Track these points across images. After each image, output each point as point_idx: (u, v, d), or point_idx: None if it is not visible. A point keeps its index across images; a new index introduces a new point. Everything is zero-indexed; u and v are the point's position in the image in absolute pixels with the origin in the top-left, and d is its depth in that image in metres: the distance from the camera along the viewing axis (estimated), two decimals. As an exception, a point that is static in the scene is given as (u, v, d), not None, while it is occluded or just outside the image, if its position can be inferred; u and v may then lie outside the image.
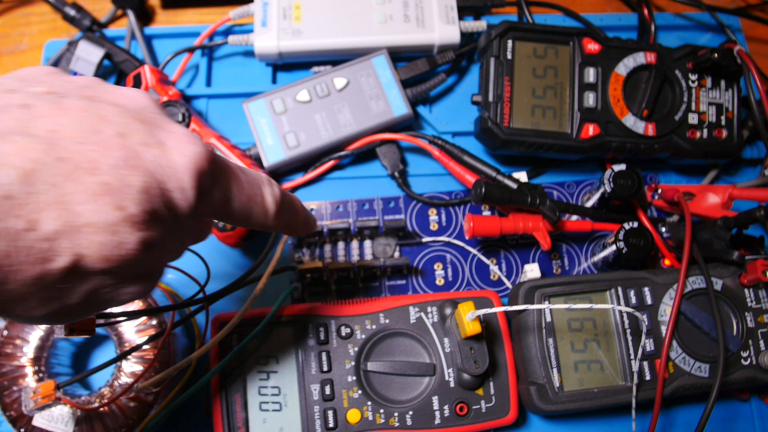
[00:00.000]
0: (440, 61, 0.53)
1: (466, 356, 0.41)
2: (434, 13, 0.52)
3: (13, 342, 0.42)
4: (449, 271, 0.50)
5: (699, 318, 0.44)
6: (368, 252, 0.50)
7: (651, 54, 0.50)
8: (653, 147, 0.49)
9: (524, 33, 0.50)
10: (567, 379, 0.43)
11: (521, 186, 0.47)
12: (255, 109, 0.50)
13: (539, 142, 0.48)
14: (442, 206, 0.51)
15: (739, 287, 0.45)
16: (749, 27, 0.61)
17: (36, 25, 0.60)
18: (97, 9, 0.59)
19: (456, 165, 0.50)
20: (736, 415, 0.48)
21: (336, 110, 0.50)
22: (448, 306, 0.42)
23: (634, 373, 0.42)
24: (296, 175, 0.52)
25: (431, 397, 0.42)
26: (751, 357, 0.44)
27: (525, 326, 0.43)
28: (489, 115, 0.48)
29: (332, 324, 0.43)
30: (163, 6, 0.60)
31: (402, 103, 0.51)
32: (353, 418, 0.41)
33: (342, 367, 0.42)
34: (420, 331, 0.43)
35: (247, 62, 0.56)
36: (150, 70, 0.49)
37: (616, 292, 0.44)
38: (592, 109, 0.49)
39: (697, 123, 0.50)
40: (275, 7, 0.52)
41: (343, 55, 0.53)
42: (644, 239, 0.45)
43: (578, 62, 0.50)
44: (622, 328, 0.44)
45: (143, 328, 0.43)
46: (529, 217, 0.47)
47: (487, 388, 0.43)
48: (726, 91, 0.51)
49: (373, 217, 0.47)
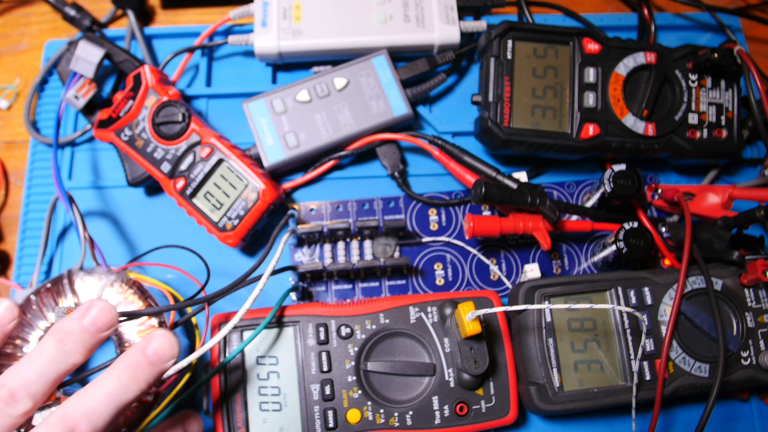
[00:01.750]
0: (440, 61, 0.53)
1: (466, 356, 0.41)
2: (434, 13, 0.52)
3: (13, 342, 0.42)
4: (449, 271, 0.50)
5: (699, 318, 0.44)
6: (368, 252, 0.50)
7: (651, 54, 0.50)
8: (653, 147, 0.49)
9: (524, 33, 0.50)
10: (567, 379, 0.43)
11: (521, 186, 0.47)
12: (255, 109, 0.50)
13: (539, 142, 0.48)
14: (442, 206, 0.51)
15: (739, 287, 0.45)
16: (749, 27, 0.61)
17: (36, 25, 0.60)
18: (97, 9, 0.59)
19: (456, 165, 0.50)
20: (736, 415, 0.48)
21: (336, 110, 0.50)
22: (448, 306, 0.42)
23: (634, 373, 0.42)
24: (296, 175, 0.52)
25: (431, 397, 0.42)
26: (751, 357, 0.44)
27: (525, 326, 0.43)
28: (489, 115, 0.48)
29: (332, 324, 0.43)
30: (163, 6, 0.60)
31: (402, 103, 0.51)
32: (353, 418, 0.41)
33: (342, 367, 0.42)
34: (420, 331, 0.43)
35: (247, 62, 0.56)
36: (150, 70, 0.49)
37: (616, 292, 0.44)
38: (592, 109, 0.49)
39: (697, 123, 0.50)
40: (275, 7, 0.52)
41: (343, 55, 0.53)
42: (644, 239, 0.45)
43: (578, 62, 0.50)
44: (622, 328, 0.44)
45: (143, 328, 0.43)
46: (529, 217, 0.47)
47: (487, 388, 0.43)
48: (726, 91, 0.51)
49: (373, 217, 0.47)
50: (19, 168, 0.55)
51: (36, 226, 0.51)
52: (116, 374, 0.31)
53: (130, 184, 0.50)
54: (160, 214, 0.52)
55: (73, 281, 0.43)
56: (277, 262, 0.41)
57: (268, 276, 0.40)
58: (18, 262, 0.51)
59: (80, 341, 0.31)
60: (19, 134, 0.56)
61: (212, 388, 0.42)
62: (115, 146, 0.49)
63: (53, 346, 0.31)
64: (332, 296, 0.49)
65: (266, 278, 0.40)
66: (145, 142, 0.48)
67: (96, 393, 0.30)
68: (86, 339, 0.31)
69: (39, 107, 0.55)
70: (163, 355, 0.32)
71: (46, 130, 0.55)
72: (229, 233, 0.47)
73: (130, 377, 0.31)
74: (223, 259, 0.50)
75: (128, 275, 0.45)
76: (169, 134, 0.48)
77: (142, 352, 0.32)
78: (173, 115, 0.48)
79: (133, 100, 0.49)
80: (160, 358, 0.32)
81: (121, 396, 0.31)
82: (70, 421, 0.29)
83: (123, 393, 0.31)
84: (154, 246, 0.47)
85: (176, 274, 0.48)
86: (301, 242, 0.50)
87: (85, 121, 0.53)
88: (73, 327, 0.31)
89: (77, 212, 0.44)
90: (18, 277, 0.50)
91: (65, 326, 0.31)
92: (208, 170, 0.48)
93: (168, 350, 0.32)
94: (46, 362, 0.30)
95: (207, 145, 0.48)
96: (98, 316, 0.32)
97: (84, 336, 0.31)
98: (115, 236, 0.51)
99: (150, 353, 0.32)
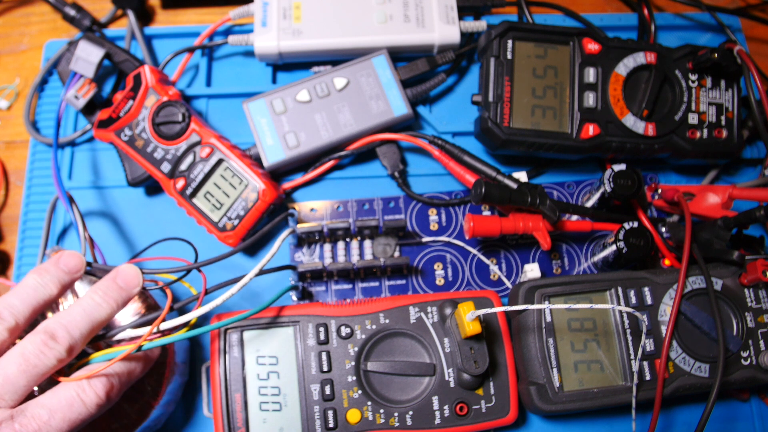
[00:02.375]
0: (440, 61, 0.53)
1: (466, 356, 0.41)
2: (434, 13, 0.52)
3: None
4: (449, 271, 0.50)
5: (699, 318, 0.44)
6: (368, 252, 0.50)
7: (651, 54, 0.50)
8: (653, 147, 0.49)
9: (524, 33, 0.50)
10: (567, 379, 0.43)
11: (521, 186, 0.47)
12: (255, 109, 0.50)
13: (539, 142, 0.48)
14: (442, 206, 0.51)
15: (739, 287, 0.45)
16: (749, 27, 0.61)
17: (36, 25, 0.60)
18: (97, 9, 0.59)
19: (456, 165, 0.50)
20: (736, 415, 0.48)
21: (336, 110, 0.50)
22: (448, 306, 0.42)
23: (634, 373, 0.42)
24: (296, 175, 0.52)
25: (431, 397, 0.42)
26: (751, 357, 0.44)
27: (525, 326, 0.43)
28: (489, 115, 0.48)
29: (332, 324, 0.43)
30: (163, 6, 0.60)
31: (402, 103, 0.51)
32: (353, 418, 0.41)
33: (342, 367, 0.42)
34: (420, 331, 0.43)
35: (247, 62, 0.56)
36: (150, 70, 0.49)
37: (616, 292, 0.44)
38: (592, 109, 0.49)
39: (697, 123, 0.50)
40: (275, 7, 0.52)
41: (343, 55, 0.53)
42: (644, 239, 0.45)
43: (578, 62, 0.50)
44: (622, 328, 0.44)
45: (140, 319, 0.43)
46: (529, 217, 0.47)
47: (487, 388, 0.43)
48: (726, 91, 0.51)
49: (373, 217, 0.47)
50: (19, 168, 0.55)
51: (36, 226, 0.51)
52: (90, 295, 0.37)
53: (130, 184, 0.50)
54: (160, 214, 0.52)
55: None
56: (272, 256, 0.41)
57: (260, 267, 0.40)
58: (18, 262, 0.51)
59: (55, 276, 0.37)
60: (19, 134, 0.56)
61: (212, 388, 0.42)
62: (115, 146, 0.49)
63: (32, 278, 0.37)
64: (332, 296, 0.49)
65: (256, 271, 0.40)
66: (145, 142, 0.48)
67: (73, 310, 0.36)
68: (60, 275, 0.37)
69: (39, 107, 0.55)
70: (129, 282, 0.38)
71: (46, 130, 0.55)
72: (229, 233, 0.47)
73: (102, 296, 0.37)
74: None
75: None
76: (169, 134, 0.48)
77: (112, 279, 0.38)
78: (173, 115, 0.48)
79: (133, 100, 0.49)
80: (127, 284, 0.38)
81: (95, 312, 0.36)
82: (51, 329, 0.34)
83: (96, 310, 0.36)
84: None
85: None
86: (301, 242, 0.50)
87: (85, 121, 0.53)
88: (49, 266, 0.38)
89: (77, 212, 0.44)
90: (18, 277, 0.50)
91: (44, 265, 0.38)
92: (208, 170, 0.48)
93: (133, 278, 0.39)
94: (27, 290, 0.36)
95: (207, 145, 0.48)
96: (69, 259, 0.38)
97: (58, 272, 0.37)
98: (115, 236, 0.51)
99: (119, 280, 0.38)
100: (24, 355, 0.33)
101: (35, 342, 0.34)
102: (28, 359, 0.33)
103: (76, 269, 0.38)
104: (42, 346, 0.34)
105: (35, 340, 0.34)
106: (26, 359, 0.33)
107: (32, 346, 0.34)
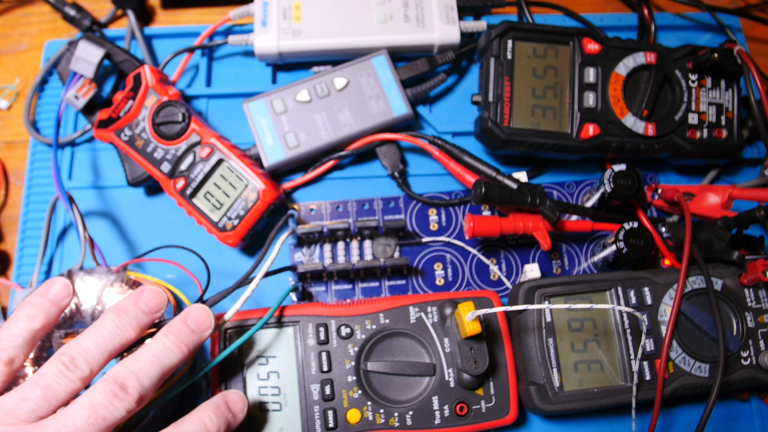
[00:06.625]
0: (440, 61, 0.53)
1: (466, 356, 0.41)
2: (434, 13, 0.52)
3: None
4: (449, 271, 0.50)
5: (699, 318, 0.44)
6: (368, 252, 0.50)
7: (651, 54, 0.50)
8: (653, 147, 0.49)
9: (524, 33, 0.50)
10: (567, 379, 0.43)
11: (521, 186, 0.47)
12: (255, 109, 0.50)
13: (539, 142, 0.48)
14: (442, 206, 0.51)
15: (739, 287, 0.45)
16: (749, 27, 0.61)
17: (36, 25, 0.60)
18: (97, 9, 0.59)
19: (456, 165, 0.50)
20: (736, 415, 0.48)
21: (336, 110, 0.50)
22: (448, 306, 0.42)
23: (634, 373, 0.42)
24: (296, 175, 0.52)
25: (431, 397, 0.42)
26: (751, 357, 0.44)
27: (525, 326, 0.43)
28: (489, 115, 0.48)
29: (332, 324, 0.43)
30: (163, 6, 0.60)
31: (402, 103, 0.51)
32: (353, 418, 0.41)
33: (342, 367, 0.42)
34: (420, 331, 0.43)
35: (247, 62, 0.56)
36: (150, 70, 0.49)
37: (616, 292, 0.44)
38: (592, 109, 0.49)
39: (697, 123, 0.50)
40: (275, 7, 0.52)
41: (343, 55, 0.53)
42: (644, 239, 0.45)
43: (578, 62, 0.50)
44: (622, 328, 0.44)
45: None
46: (529, 217, 0.47)
47: (487, 388, 0.43)
48: (726, 91, 0.51)
49: (373, 217, 0.47)
50: (19, 168, 0.55)
51: (36, 226, 0.51)
52: (161, 339, 0.35)
53: (130, 184, 0.50)
54: (160, 214, 0.52)
55: (73, 281, 0.43)
56: (272, 262, 0.41)
57: (261, 276, 0.40)
58: (18, 262, 0.51)
59: (134, 318, 0.35)
60: (19, 134, 0.56)
61: (212, 388, 0.42)
62: (115, 146, 0.49)
63: (110, 320, 0.35)
64: (332, 296, 0.49)
65: (260, 278, 0.40)
66: (145, 142, 0.48)
67: (143, 356, 0.34)
68: (140, 317, 0.36)
69: (39, 107, 0.55)
70: (201, 324, 0.37)
71: (46, 130, 0.55)
72: (229, 233, 0.47)
73: (173, 341, 0.35)
74: (223, 259, 0.50)
75: (128, 275, 0.45)
76: (169, 134, 0.48)
77: (183, 322, 0.36)
78: (173, 115, 0.48)
79: (133, 100, 0.49)
80: (199, 326, 0.37)
81: (165, 359, 0.35)
82: (120, 378, 0.33)
83: (167, 356, 0.35)
84: (154, 246, 0.47)
85: (176, 274, 0.48)
86: (300, 242, 0.50)
87: (85, 121, 0.53)
88: (128, 305, 0.36)
89: (77, 212, 0.44)
90: (18, 277, 0.50)
91: (122, 305, 0.36)
92: (208, 170, 0.48)
93: (205, 319, 0.37)
94: (103, 333, 0.34)
95: (207, 145, 0.48)
96: (150, 298, 0.36)
97: (138, 314, 0.36)
98: (115, 236, 0.51)
99: (189, 322, 0.36)
100: (93, 406, 0.32)
101: (104, 392, 0.32)
102: (97, 411, 0.32)
103: (157, 308, 0.36)
104: (112, 397, 0.32)
105: (104, 390, 0.32)
106: (95, 411, 0.32)
107: (101, 396, 0.32)
